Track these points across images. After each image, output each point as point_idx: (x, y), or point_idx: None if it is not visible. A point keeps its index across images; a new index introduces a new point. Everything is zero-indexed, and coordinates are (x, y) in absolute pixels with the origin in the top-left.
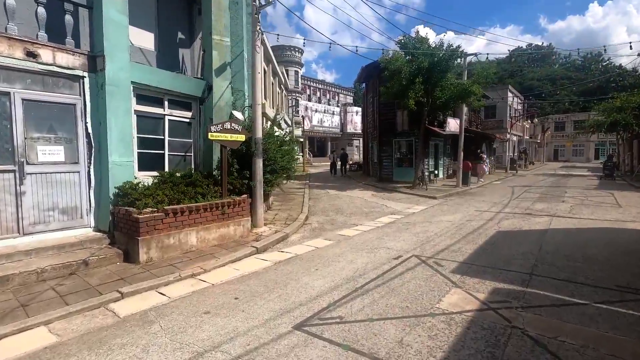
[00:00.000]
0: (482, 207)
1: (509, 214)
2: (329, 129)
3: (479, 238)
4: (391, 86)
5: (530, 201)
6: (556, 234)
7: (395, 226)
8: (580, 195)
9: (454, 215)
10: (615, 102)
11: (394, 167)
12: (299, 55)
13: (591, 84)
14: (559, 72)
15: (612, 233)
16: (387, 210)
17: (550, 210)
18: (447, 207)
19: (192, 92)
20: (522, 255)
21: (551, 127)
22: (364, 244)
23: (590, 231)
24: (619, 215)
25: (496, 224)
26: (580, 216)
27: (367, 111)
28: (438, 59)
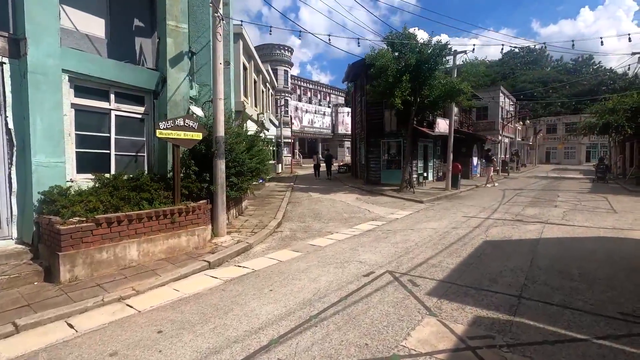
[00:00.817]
0: (470, 213)
1: (498, 220)
2: (319, 129)
3: (464, 249)
4: (378, 84)
5: (521, 206)
6: (549, 245)
7: (374, 234)
8: (573, 200)
9: (440, 221)
10: (608, 103)
11: (382, 169)
12: (288, 54)
13: (582, 87)
14: (550, 75)
15: (610, 243)
16: (368, 215)
17: (542, 217)
18: (433, 212)
19: (144, 84)
20: (511, 272)
21: (543, 129)
22: (335, 256)
23: (586, 241)
24: (615, 222)
25: (483, 232)
26: (574, 223)
27: (355, 111)
28: (426, 55)
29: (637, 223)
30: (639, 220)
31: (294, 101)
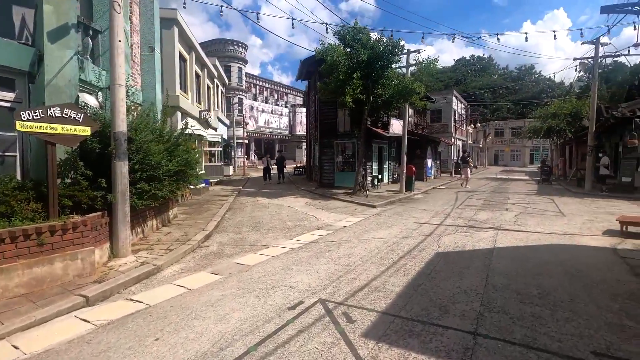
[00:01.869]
0: (422, 218)
1: (451, 226)
2: (277, 130)
3: (413, 265)
4: (329, 81)
5: (474, 210)
6: (504, 256)
7: (316, 248)
8: (523, 202)
9: (390, 229)
10: (550, 108)
11: (335, 171)
12: (242, 50)
13: (526, 94)
14: (498, 82)
15: (565, 253)
16: (315, 223)
17: (495, 221)
18: (385, 218)
19: (15, 63)
20: (465, 295)
21: (492, 133)
22: (262, 279)
23: (541, 250)
24: (565, 226)
25: (435, 242)
26: (526, 228)
27: (309, 111)
28: (378, 52)
29: (585, 227)
30: (587, 224)
31: (249, 100)
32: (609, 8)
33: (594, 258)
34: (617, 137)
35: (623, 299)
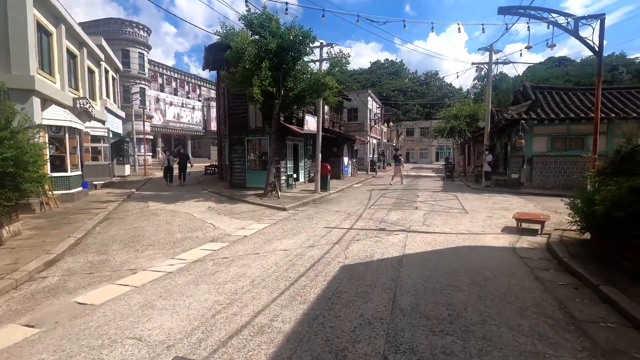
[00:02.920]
0: (333, 222)
1: (362, 230)
2: (188, 125)
3: (314, 286)
4: (235, 71)
5: (386, 209)
6: (413, 265)
7: (200, 269)
8: (431, 199)
9: (296, 237)
10: (452, 110)
11: (247, 170)
12: (144, 34)
13: (432, 97)
14: (409, 85)
15: (472, 256)
16: (210, 234)
17: (405, 222)
18: (294, 223)
19: None
20: (369, 327)
21: (404, 132)
22: (102, 328)
23: (449, 255)
24: (469, 224)
25: (343, 251)
26: (434, 229)
27: (219, 104)
28: (288, 42)
29: (486, 224)
30: (487, 221)
31: (155, 91)
32: (506, 9)
33: (498, 261)
34: (507, 137)
35: (531, 313)
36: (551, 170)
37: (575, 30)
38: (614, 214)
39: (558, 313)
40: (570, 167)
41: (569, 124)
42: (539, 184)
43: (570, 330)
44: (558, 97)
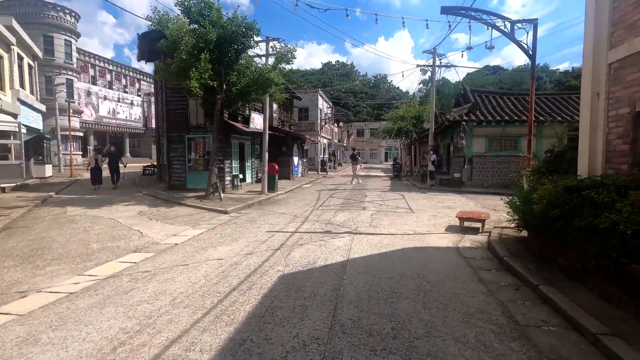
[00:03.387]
0: (277, 225)
1: (306, 233)
2: (126, 122)
3: (246, 301)
4: (171, 62)
5: (333, 210)
6: (357, 271)
7: (112, 287)
8: (379, 199)
9: (234, 243)
10: (399, 111)
11: (188, 171)
12: (71, 20)
13: (381, 99)
14: (359, 87)
15: (417, 259)
16: (134, 243)
17: (352, 224)
18: (234, 227)
19: None
20: (303, 351)
21: (354, 133)
22: None
23: (395, 258)
24: (414, 224)
25: (284, 258)
26: (381, 230)
27: (157, 99)
28: (230, 32)
29: (431, 224)
30: (432, 220)
31: (85, 83)
32: (448, 9)
33: (443, 263)
34: (449, 138)
35: (477, 320)
36: (489, 169)
37: (511, 33)
38: (551, 213)
39: (502, 318)
40: (506, 166)
41: (504, 126)
42: (478, 182)
43: (515, 338)
44: (494, 100)
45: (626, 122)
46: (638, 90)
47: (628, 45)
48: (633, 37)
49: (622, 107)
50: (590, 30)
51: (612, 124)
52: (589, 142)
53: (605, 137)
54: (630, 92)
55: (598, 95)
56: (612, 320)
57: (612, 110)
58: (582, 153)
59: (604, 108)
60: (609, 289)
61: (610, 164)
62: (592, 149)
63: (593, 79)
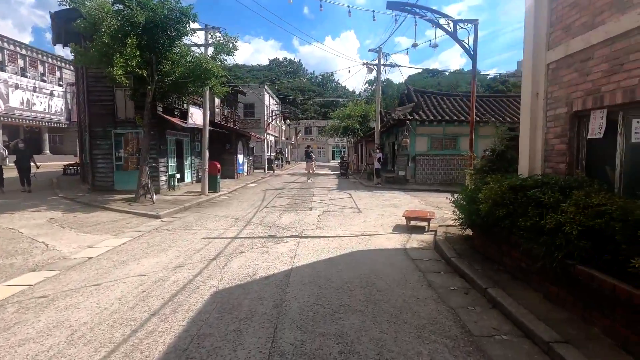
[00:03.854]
0: (216, 230)
1: (248, 239)
2: (44, 115)
3: (166, 331)
4: (91, 45)
5: (279, 212)
6: (302, 285)
7: None
8: (326, 199)
9: (162, 255)
10: (346, 109)
11: (115, 170)
12: None
13: (328, 98)
14: (307, 85)
15: (366, 264)
16: (36, 259)
17: (298, 226)
18: (165, 234)
19: None
20: None
21: (302, 131)
22: None
23: (343, 263)
24: (362, 224)
25: (220, 271)
26: (328, 232)
27: (78, 89)
28: (161, 17)
29: (378, 224)
30: (379, 220)
31: None
32: (394, 4)
33: (392, 267)
34: (394, 137)
35: (429, 334)
36: (431, 167)
37: (454, 32)
38: (496, 212)
39: (455, 329)
40: (446, 164)
41: (445, 126)
42: (421, 180)
43: (470, 352)
44: (435, 101)
45: (564, 122)
46: (575, 91)
47: (565, 46)
48: (570, 39)
49: (559, 107)
50: (530, 30)
51: (551, 124)
52: (529, 142)
53: (544, 136)
54: (568, 93)
55: (537, 95)
56: (560, 324)
57: (550, 110)
58: (523, 152)
59: (543, 108)
60: (554, 290)
61: (548, 162)
62: (532, 148)
63: (533, 78)
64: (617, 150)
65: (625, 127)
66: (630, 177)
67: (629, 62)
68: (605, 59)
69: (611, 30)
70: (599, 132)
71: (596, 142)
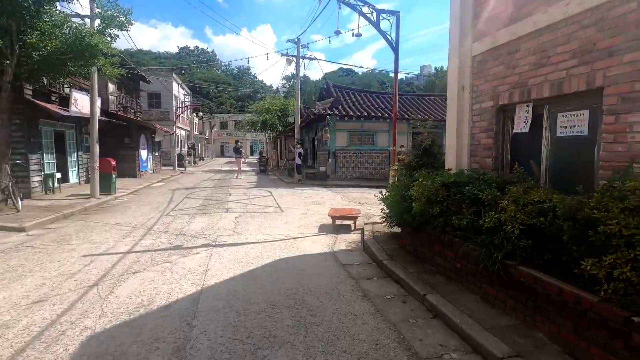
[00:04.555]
0: (104, 242)
1: (147, 252)
2: None
3: None
4: None
5: (188, 215)
6: (214, 313)
7: None
8: (245, 197)
9: (16, 285)
10: (264, 103)
11: None
12: None
13: (245, 92)
14: (221, 77)
15: (291, 276)
16: None
17: (211, 232)
18: (26, 254)
19: None
20: None
21: (217, 125)
22: None
23: (265, 277)
24: (285, 226)
25: (102, 302)
26: (247, 237)
27: None
28: None
29: (302, 224)
30: (303, 220)
31: None
32: None
33: (321, 277)
34: (314, 132)
35: None
36: (351, 163)
37: (377, 22)
38: (430, 211)
39: (401, 353)
40: (365, 160)
41: (363, 122)
42: (342, 175)
43: None
44: (354, 97)
45: (490, 116)
46: (502, 84)
47: (491, 38)
48: (496, 30)
49: (486, 101)
50: (456, 21)
51: (477, 118)
52: (457, 136)
53: (471, 130)
54: (494, 86)
55: (463, 88)
56: (506, 332)
57: (476, 103)
58: (450, 147)
59: (469, 101)
60: (492, 291)
61: (474, 157)
62: (459, 143)
63: (459, 71)
64: (543, 145)
65: (551, 121)
66: (554, 172)
67: (556, 55)
68: (532, 52)
69: (538, 21)
70: (524, 127)
71: (521, 136)
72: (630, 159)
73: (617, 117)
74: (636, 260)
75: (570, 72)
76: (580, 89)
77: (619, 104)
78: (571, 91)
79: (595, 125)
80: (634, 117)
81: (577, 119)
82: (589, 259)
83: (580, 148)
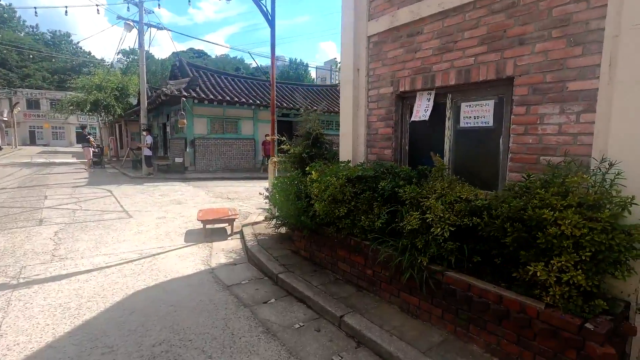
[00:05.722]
0: None
1: None
2: None
3: None
4: None
5: None
6: None
7: None
8: (70, 201)
9: None
10: (95, 78)
11: None
12: None
13: (65, 64)
14: (27, 42)
15: (161, 321)
16: None
17: (11, 261)
18: None
19: None
20: None
21: (22, 104)
22: None
23: (109, 338)
24: (137, 238)
25: None
26: (76, 263)
27: None
28: None
29: (162, 232)
30: (162, 227)
31: None
32: None
33: (204, 315)
34: (165, 117)
35: None
36: (213, 153)
37: None
38: (336, 212)
39: None
40: (228, 149)
41: (225, 107)
42: (203, 167)
43: None
44: (214, 79)
45: (389, 103)
46: (402, 69)
47: (390, 17)
48: (395, 9)
49: (384, 87)
50: None
51: (374, 105)
52: (352, 125)
53: (367, 118)
54: (393, 70)
55: (359, 72)
56: (444, 351)
57: (373, 89)
58: (345, 135)
59: (365, 86)
60: (414, 301)
61: (372, 148)
62: (355, 132)
63: (354, 52)
64: (446, 136)
65: (454, 111)
66: (458, 164)
67: (463, 40)
68: (437, 35)
69: (444, 2)
70: (424, 115)
71: (422, 126)
72: (540, 151)
73: (528, 109)
74: (584, 263)
75: (479, 59)
76: (489, 77)
77: (530, 94)
78: (480, 79)
79: (501, 117)
80: (545, 108)
81: (482, 109)
82: (539, 264)
83: (485, 140)
